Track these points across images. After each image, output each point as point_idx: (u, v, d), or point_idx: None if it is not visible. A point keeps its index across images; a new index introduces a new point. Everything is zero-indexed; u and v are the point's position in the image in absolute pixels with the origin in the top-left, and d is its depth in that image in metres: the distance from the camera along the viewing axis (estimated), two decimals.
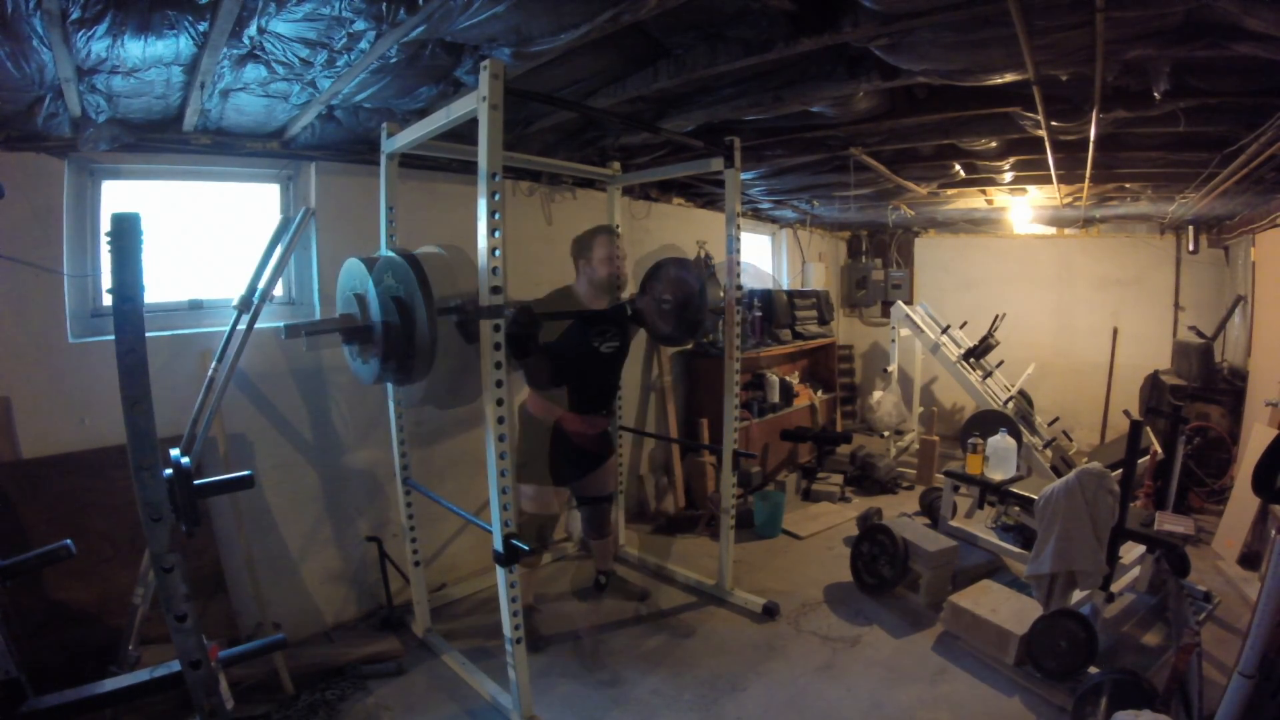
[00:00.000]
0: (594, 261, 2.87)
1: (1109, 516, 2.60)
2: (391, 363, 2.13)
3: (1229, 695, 1.80)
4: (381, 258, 2.19)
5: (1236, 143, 2.74)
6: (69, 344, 2.37)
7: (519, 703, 2.26)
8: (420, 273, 2.09)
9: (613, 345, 2.94)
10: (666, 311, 3.27)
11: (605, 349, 2.92)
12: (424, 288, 2.07)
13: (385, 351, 2.10)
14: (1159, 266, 5.85)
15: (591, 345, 2.87)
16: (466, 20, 1.76)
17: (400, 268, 2.11)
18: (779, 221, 6.29)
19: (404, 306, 2.07)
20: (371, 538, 3.03)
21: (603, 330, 2.91)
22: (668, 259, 3.35)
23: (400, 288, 2.09)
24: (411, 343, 2.09)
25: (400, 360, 2.12)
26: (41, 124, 2.14)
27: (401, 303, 2.07)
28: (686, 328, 3.26)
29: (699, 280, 3.18)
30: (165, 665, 1.49)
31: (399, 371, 2.17)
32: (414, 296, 2.06)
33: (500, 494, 2.09)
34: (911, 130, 3.16)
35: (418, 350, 2.09)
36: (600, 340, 2.90)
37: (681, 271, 3.26)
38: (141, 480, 1.34)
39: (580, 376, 2.88)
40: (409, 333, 2.08)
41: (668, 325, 3.30)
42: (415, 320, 2.07)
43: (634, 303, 3.24)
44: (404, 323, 2.07)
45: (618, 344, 2.98)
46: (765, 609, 3.10)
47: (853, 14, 1.88)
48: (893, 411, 5.24)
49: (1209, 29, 1.82)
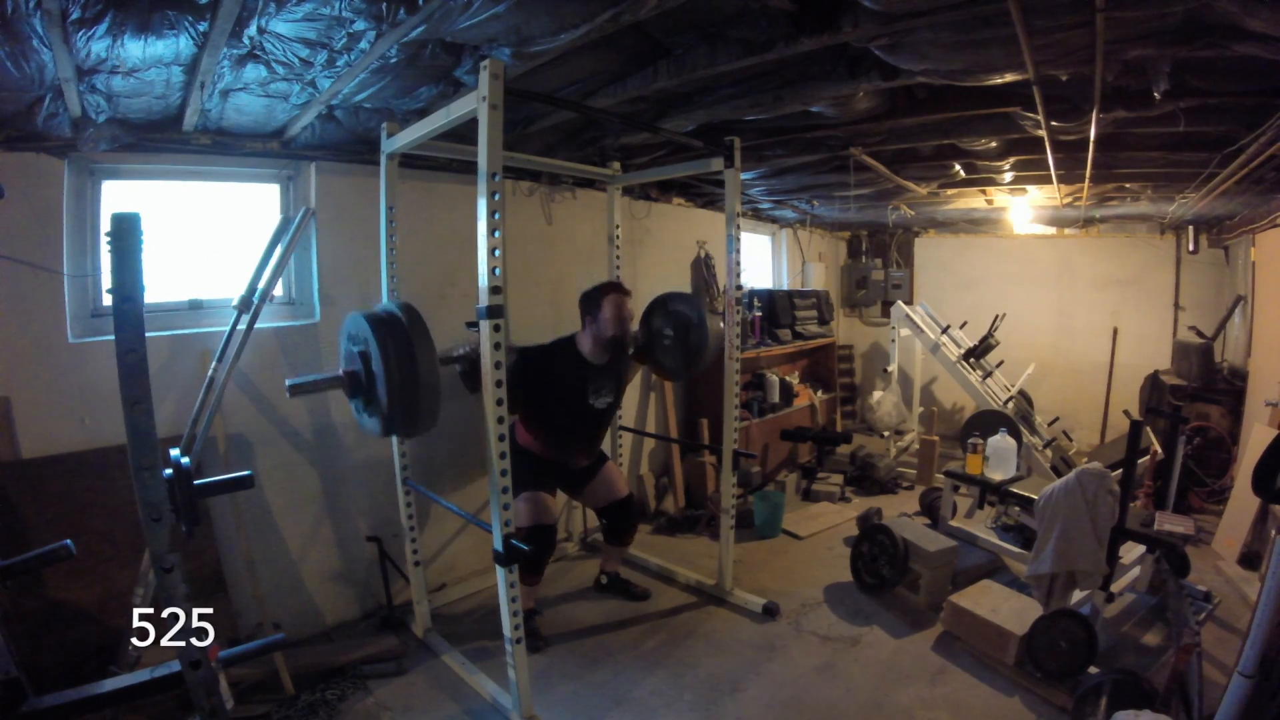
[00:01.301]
0: (602, 320, 2.86)
1: (1109, 516, 2.60)
2: (397, 419, 2.11)
3: (1229, 695, 1.80)
4: (383, 312, 2.14)
5: (1236, 143, 2.74)
6: (69, 344, 2.37)
7: (519, 703, 2.26)
8: (421, 326, 2.08)
9: (607, 400, 3.00)
10: (668, 347, 3.30)
11: (599, 404, 2.97)
12: (425, 342, 2.06)
13: (390, 408, 2.07)
14: (1159, 266, 5.85)
15: (586, 401, 2.92)
16: (466, 20, 1.76)
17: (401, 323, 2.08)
18: (779, 221, 6.29)
19: (406, 362, 2.04)
20: (371, 538, 3.03)
21: (600, 387, 2.95)
22: (666, 293, 3.38)
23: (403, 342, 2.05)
24: (416, 398, 2.06)
25: (405, 416, 2.10)
26: (41, 124, 2.14)
27: (404, 358, 2.04)
28: (688, 360, 3.27)
29: (699, 313, 3.20)
30: (165, 665, 1.49)
31: (404, 425, 2.14)
32: (416, 351, 2.04)
33: (500, 494, 2.09)
34: (911, 130, 3.16)
35: (422, 406, 2.07)
36: (595, 397, 2.94)
37: (681, 305, 3.28)
38: (141, 480, 1.34)
39: (570, 426, 2.94)
40: (413, 389, 2.05)
41: (670, 359, 3.32)
42: (419, 375, 2.04)
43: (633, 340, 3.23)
44: (407, 378, 2.04)
45: (611, 399, 3.03)
46: (765, 609, 3.10)
47: (853, 14, 1.88)
48: (893, 411, 5.23)
49: (1209, 29, 1.83)
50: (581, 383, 2.90)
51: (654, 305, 3.37)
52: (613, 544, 3.30)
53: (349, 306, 3.02)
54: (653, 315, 3.36)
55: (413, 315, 2.08)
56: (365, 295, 2.96)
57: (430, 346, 2.07)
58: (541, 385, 2.83)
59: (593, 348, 2.91)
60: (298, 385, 2.16)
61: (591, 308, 2.90)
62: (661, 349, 3.30)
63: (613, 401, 3.05)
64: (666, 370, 3.42)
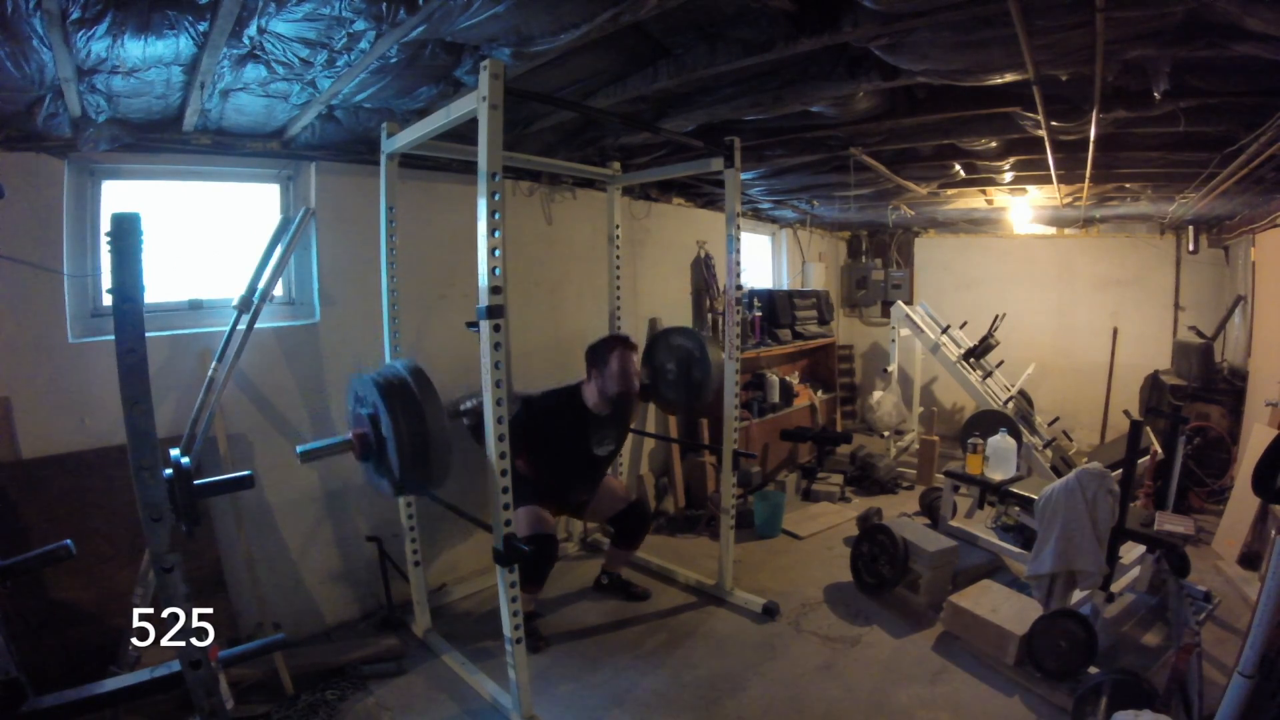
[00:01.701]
0: (608, 375, 2.88)
1: (1109, 516, 2.60)
2: (409, 482, 2.12)
3: (1229, 695, 1.81)
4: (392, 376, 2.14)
5: (1236, 143, 2.74)
6: (69, 344, 2.37)
7: (519, 703, 2.26)
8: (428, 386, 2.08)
9: (609, 448, 3.03)
10: (672, 381, 3.31)
11: (601, 452, 3.00)
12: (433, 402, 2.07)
13: (402, 472, 2.08)
14: (1159, 266, 5.85)
15: (590, 451, 2.95)
16: (466, 20, 1.76)
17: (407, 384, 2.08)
18: (779, 221, 6.29)
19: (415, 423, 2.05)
20: (371, 538, 3.03)
21: (603, 436, 2.98)
22: (667, 329, 3.40)
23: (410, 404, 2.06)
24: (428, 462, 2.07)
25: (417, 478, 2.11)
26: (41, 124, 2.14)
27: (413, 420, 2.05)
28: (693, 393, 3.31)
29: (700, 344, 3.22)
30: (165, 665, 1.50)
31: (417, 485, 2.16)
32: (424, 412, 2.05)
33: (500, 494, 2.09)
34: (911, 130, 3.16)
35: (434, 469, 2.09)
36: (598, 446, 2.98)
37: (682, 338, 3.30)
38: (141, 480, 1.34)
39: (570, 473, 2.97)
40: (424, 452, 2.06)
41: (674, 393, 3.36)
42: (428, 436, 2.06)
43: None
44: (418, 444, 2.05)
45: (614, 446, 3.07)
46: (765, 609, 3.10)
47: (853, 14, 1.88)
48: (893, 411, 5.23)
49: (1209, 29, 1.83)
50: (584, 433, 2.93)
51: (656, 340, 3.42)
52: (622, 548, 3.29)
53: (349, 306, 3.04)
54: (655, 350, 3.41)
55: (421, 379, 2.10)
56: (365, 295, 2.96)
57: (439, 408, 2.08)
58: (544, 435, 2.86)
59: (597, 400, 2.93)
60: (308, 452, 2.16)
61: (598, 361, 2.91)
62: (665, 384, 3.34)
63: (614, 448, 3.10)
64: (670, 405, 3.46)
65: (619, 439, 3.09)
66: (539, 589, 2.91)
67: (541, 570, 2.80)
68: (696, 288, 5.03)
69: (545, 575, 2.84)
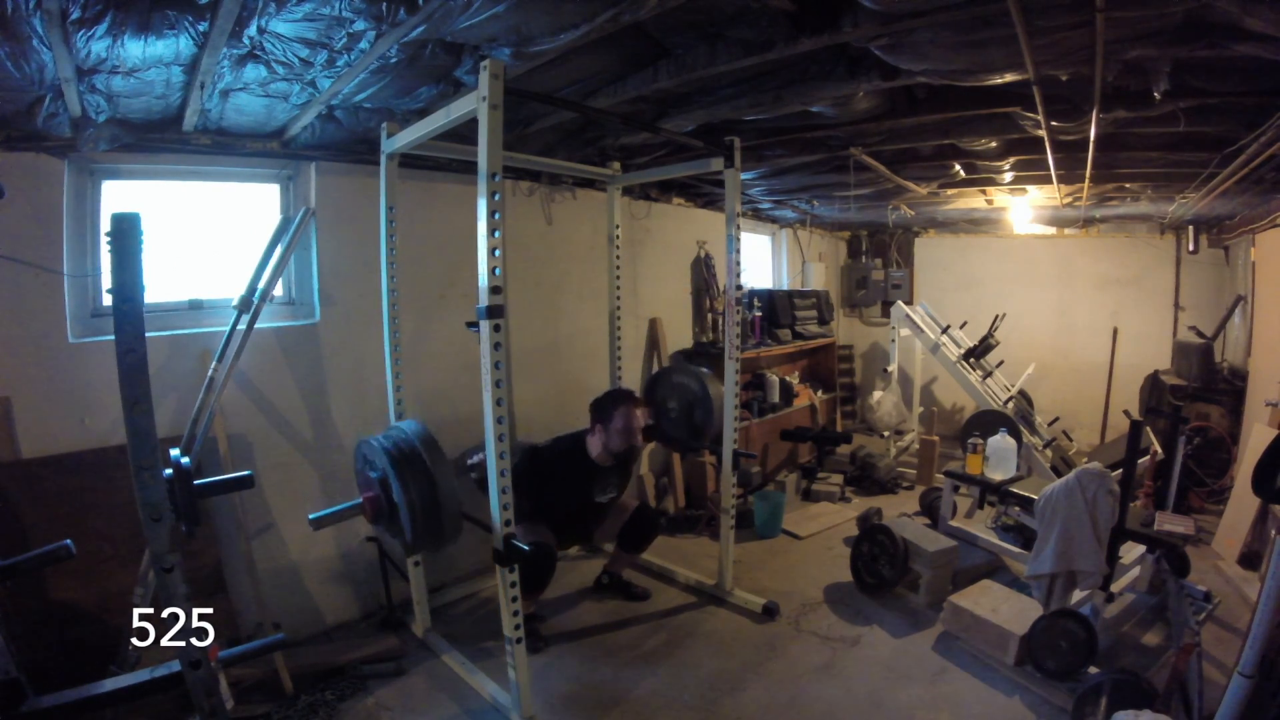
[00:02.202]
0: (612, 431, 2.91)
1: (1109, 516, 2.60)
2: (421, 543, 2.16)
3: (1229, 695, 1.80)
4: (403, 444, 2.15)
5: (1236, 143, 2.74)
6: (69, 344, 2.37)
7: (519, 703, 2.26)
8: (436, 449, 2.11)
9: (610, 495, 3.06)
10: (674, 419, 3.33)
11: (602, 499, 3.03)
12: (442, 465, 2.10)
13: (414, 535, 2.11)
14: (1159, 266, 5.85)
15: (592, 499, 2.99)
16: (466, 20, 1.76)
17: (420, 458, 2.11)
18: (779, 221, 6.29)
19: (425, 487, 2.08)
20: (371, 538, 3.03)
21: (605, 485, 3.01)
22: (665, 368, 3.41)
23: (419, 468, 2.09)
24: (440, 525, 2.11)
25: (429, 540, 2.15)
26: (41, 124, 2.14)
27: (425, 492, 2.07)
28: (696, 430, 3.34)
29: (700, 382, 3.26)
30: (165, 665, 1.49)
31: (429, 545, 2.19)
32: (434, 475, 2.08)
33: (500, 494, 2.09)
34: (911, 130, 3.16)
35: (446, 531, 2.12)
36: (601, 494, 3.01)
37: (681, 376, 3.34)
38: (141, 480, 1.34)
39: (570, 518, 3.00)
40: (436, 518, 2.10)
41: (677, 430, 3.41)
42: (439, 499, 2.08)
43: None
44: (429, 510, 2.08)
45: (615, 494, 3.09)
46: (765, 609, 3.10)
47: (853, 14, 1.88)
48: (893, 411, 5.23)
49: (1209, 29, 1.82)
50: (588, 484, 2.97)
51: (657, 378, 3.46)
52: (629, 552, 3.29)
53: (349, 306, 3.04)
54: (656, 388, 3.45)
55: (431, 447, 2.12)
56: (365, 295, 2.96)
57: (449, 473, 2.11)
58: (547, 484, 2.88)
59: (601, 453, 2.96)
60: (320, 519, 2.20)
61: (602, 416, 2.94)
62: (668, 421, 3.39)
63: (616, 494, 3.12)
64: (673, 443, 3.50)
65: (621, 486, 3.14)
66: (539, 594, 2.91)
67: (542, 578, 2.80)
68: (696, 288, 5.03)
69: (545, 583, 2.84)
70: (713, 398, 3.21)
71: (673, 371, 3.40)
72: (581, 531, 3.18)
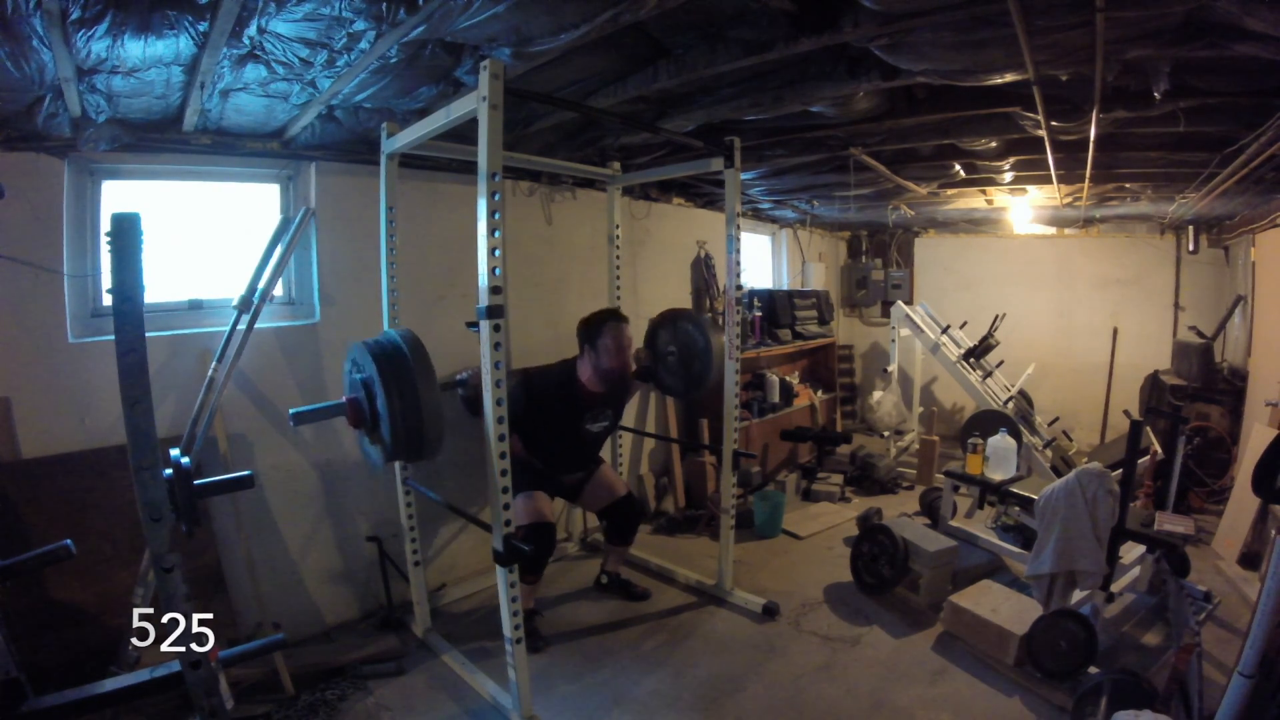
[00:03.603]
0: (601, 350, 2.86)
1: (1109, 516, 2.60)
2: (400, 450, 2.12)
3: (1229, 695, 1.80)
4: (386, 342, 2.14)
5: (1236, 143, 2.74)
6: (69, 344, 2.37)
7: (519, 703, 2.26)
8: (423, 355, 2.08)
9: (603, 425, 3.03)
10: (672, 365, 3.29)
11: (594, 429, 2.99)
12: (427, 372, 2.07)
13: (393, 440, 2.08)
14: (1159, 266, 5.85)
15: (583, 427, 2.95)
16: (466, 20, 1.76)
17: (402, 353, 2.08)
18: (779, 221, 6.29)
19: (409, 393, 2.05)
20: (371, 538, 3.03)
21: (597, 414, 2.98)
22: (673, 310, 3.37)
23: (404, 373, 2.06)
24: (420, 430, 2.07)
25: (409, 447, 2.11)
26: (41, 124, 2.14)
27: (406, 389, 2.04)
28: (694, 381, 3.27)
29: (704, 333, 3.19)
30: (165, 665, 1.49)
31: (409, 454, 2.16)
32: (418, 382, 2.05)
33: (500, 494, 2.09)
34: (911, 130, 3.16)
35: (426, 438, 2.09)
36: (593, 423, 2.97)
37: (687, 324, 3.27)
38: (141, 480, 1.34)
39: (565, 448, 2.98)
40: (416, 421, 2.06)
41: (674, 378, 3.33)
42: (421, 406, 2.05)
43: (638, 358, 3.23)
44: (410, 412, 2.05)
45: (607, 424, 3.05)
46: (765, 609, 3.10)
47: (853, 14, 1.88)
48: (893, 411, 5.23)
49: (1209, 29, 1.82)
50: (579, 411, 2.93)
51: (660, 321, 3.36)
52: (615, 544, 3.30)
53: (349, 306, 3.04)
54: (658, 332, 3.36)
55: (415, 346, 2.09)
56: (365, 295, 2.96)
57: (433, 378, 2.08)
58: (539, 410, 2.85)
59: (591, 376, 2.92)
60: (301, 414, 2.18)
61: (590, 337, 2.90)
62: (666, 368, 3.31)
63: (609, 425, 3.08)
64: (670, 389, 3.45)
65: (614, 418, 3.08)
66: (538, 577, 2.93)
67: (540, 559, 2.80)
68: (696, 288, 5.03)
69: (544, 564, 2.85)
70: (714, 351, 3.14)
71: (678, 317, 3.32)
72: (571, 471, 3.07)
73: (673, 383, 3.34)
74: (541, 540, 2.73)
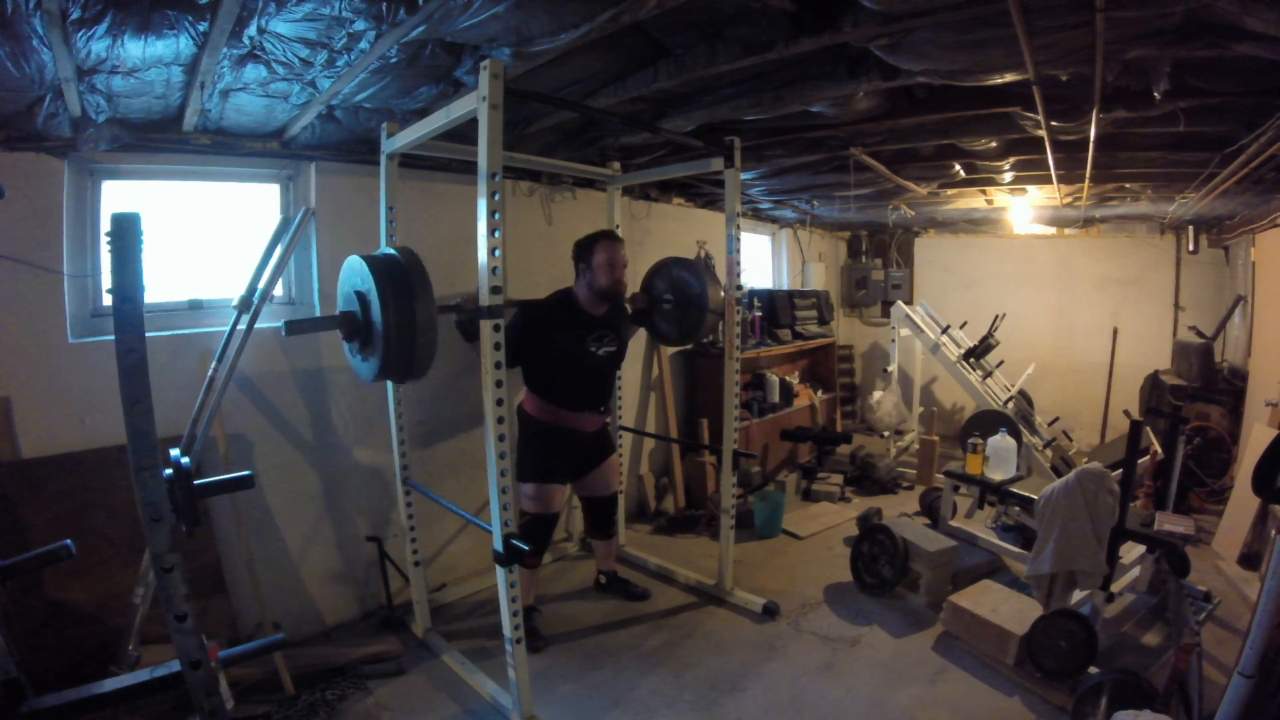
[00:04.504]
0: (595, 266, 2.83)
1: (1109, 516, 2.60)
2: (393, 363, 2.13)
3: (1229, 695, 1.80)
4: (382, 255, 2.18)
5: (1236, 143, 2.74)
6: (69, 344, 2.37)
7: (519, 703, 2.26)
8: (421, 270, 2.10)
9: (609, 349, 2.96)
10: (667, 311, 3.28)
11: (602, 353, 2.93)
12: (424, 286, 2.08)
13: (386, 351, 2.10)
14: (1159, 266, 5.85)
15: (588, 349, 2.88)
16: (466, 20, 1.76)
17: (401, 266, 2.10)
18: (779, 221, 6.29)
19: (405, 305, 2.07)
20: (371, 538, 3.03)
21: (600, 335, 2.92)
22: (671, 258, 3.37)
23: (402, 286, 2.09)
24: (413, 342, 2.09)
25: (401, 360, 2.12)
26: (41, 124, 2.14)
27: (402, 301, 2.07)
28: (688, 329, 3.28)
29: (701, 281, 3.18)
30: (165, 665, 1.49)
31: (400, 370, 2.17)
32: (415, 295, 2.06)
33: (500, 494, 2.09)
34: (911, 130, 3.16)
35: (419, 351, 2.09)
36: (597, 345, 2.91)
37: (684, 271, 3.27)
38: (141, 480, 1.34)
39: (575, 378, 2.90)
40: (410, 333, 2.08)
41: (668, 325, 3.31)
42: (416, 319, 2.07)
43: (634, 302, 3.25)
44: (404, 321, 2.07)
45: (614, 348, 2.98)
46: (765, 609, 3.10)
47: (853, 14, 1.88)
48: (893, 411, 5.23)
49: (1209, 29, 1.82)
50: (582, 331, 2.87)
51: (658, 268, 3.37)
52: (596, 536, 3.30)
53: None
54: (655, 278, 3.36)
55: (412, 258, 2.09)
56: None
57: (429, 291, 2.09)
58: (543, 338, 2.79)
59: (588, 297, 2.89)
60: (294, 324, 2.18)
61: (584, 256, 2.87)
62: (661, 313, 3.30)
63: (615, 351, 2.99)
64: (664, 336, 3.45)
65: (619, 341, 3.01)
66: (538, 561, 2.95)
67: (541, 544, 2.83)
68: None
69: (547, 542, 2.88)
70: (710, 305, 3.13)
71: (675, 264, 3.31)
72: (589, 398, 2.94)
73: (665, 328, 3.34)
74: (543, 530, 2.78)
